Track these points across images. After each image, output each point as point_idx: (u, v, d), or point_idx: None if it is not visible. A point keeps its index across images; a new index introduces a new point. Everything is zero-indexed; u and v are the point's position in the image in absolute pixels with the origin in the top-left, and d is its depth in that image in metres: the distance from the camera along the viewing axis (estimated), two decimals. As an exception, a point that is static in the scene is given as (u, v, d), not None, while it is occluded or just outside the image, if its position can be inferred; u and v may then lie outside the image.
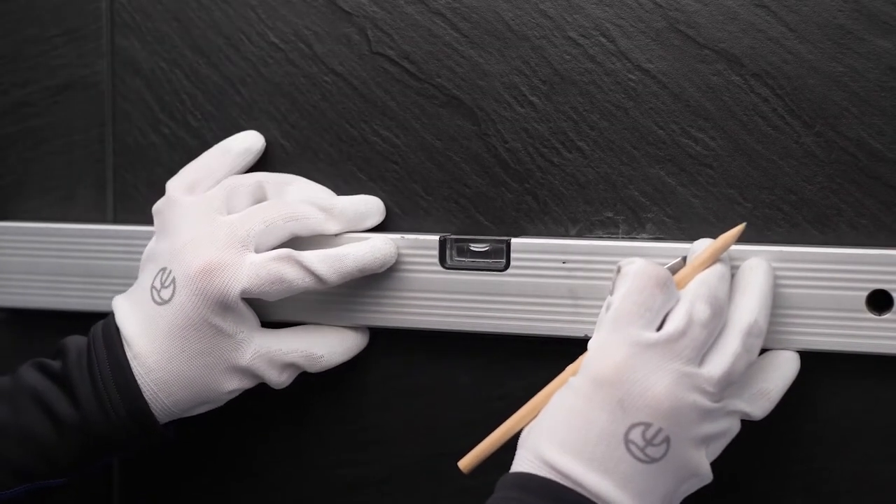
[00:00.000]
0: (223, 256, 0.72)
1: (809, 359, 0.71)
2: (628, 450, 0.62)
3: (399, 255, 0.77)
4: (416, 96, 0.78)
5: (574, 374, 0.66)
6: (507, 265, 0.75)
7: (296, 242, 0.75)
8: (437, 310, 0.76)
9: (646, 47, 0.74)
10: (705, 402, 0.63)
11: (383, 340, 0.80)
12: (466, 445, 0.74)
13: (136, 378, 0.73)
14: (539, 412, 0.66)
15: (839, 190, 0.71)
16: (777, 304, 0.70)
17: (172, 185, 0.77)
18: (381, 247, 0.75)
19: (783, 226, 0.72)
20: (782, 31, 0.71)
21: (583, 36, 0.75)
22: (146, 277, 0.75)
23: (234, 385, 0.75)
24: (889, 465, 0.71)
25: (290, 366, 0.76)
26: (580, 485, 0.62)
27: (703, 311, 0.64)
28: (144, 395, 0.73)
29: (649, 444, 0.62)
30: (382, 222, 0.79)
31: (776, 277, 0.70)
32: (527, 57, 0.76)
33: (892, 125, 0.70)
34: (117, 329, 0.74)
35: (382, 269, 0.76)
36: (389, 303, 0.77)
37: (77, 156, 0.86)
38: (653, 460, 0.62)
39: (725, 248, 0.67)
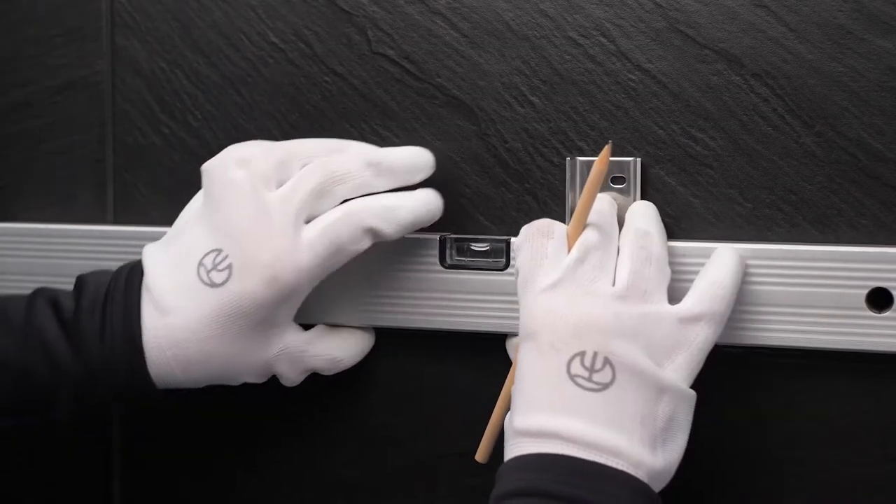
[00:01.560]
0: (284, 247, 0.71)
1: (809, 358, 0.71)
2: (577, 384, 0.63)
3: (399, 254, 0.77)
4: (416, 96, 0.78)
5: None
6: (507, 265, 0.75)
7: None
8: (437, 310, 0.76)
9: (646, 47, 0.74)
10: (626, 309, 0.65)
11: (383, 340, 0.79)
12: (466, 445, 0.74)
13: (152, 351, 0.72)
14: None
15: (839, 190, 0.71)
16: (777, 303, 0.70)
17: (230, 153, 0.75)
18: (433, 199, 0.74)
19: (783, 226, 0.72)
20: (782, 31, 0.71)
21: (583, 36, 0.75)
22: (193, 250, 0.73)
23: (250, 378, 0.75)
24: (889, 465, 0.71)
25: (310, 369, 0.76)
26: (554, 434, 0.62)
27: (592, 236, 0.67)
28: (157, 368, 0.72)
29: (593, 371, 0.63)
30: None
31: (777, 276, 0.70)
32: (527, 57, 0.76)
33: (892, 125, 0.70)
34: (139, 291, 0.73)
35: (430, 224, 0.74)
36: (389, 302, 0.77)
37: (77, 156, 0.86)
38: (605, 386, 0.63)
39: (601, 175, 0.68)
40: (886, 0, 0.69)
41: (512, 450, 0.64)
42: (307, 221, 0.72)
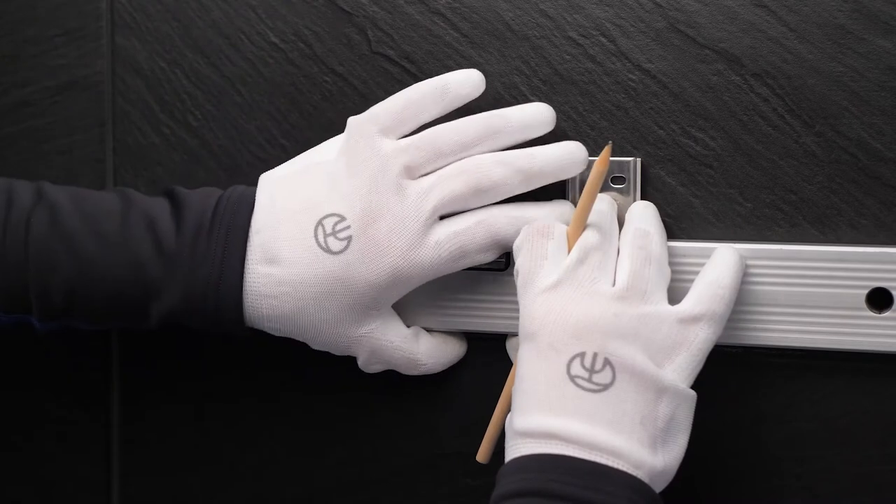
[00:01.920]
0: (410, 241, 0.70)
1: (809, 358, 0.71)
2: (577, 385, 0.63)
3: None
4: (416, 96, 0.78)
5: None
6: (508, 265, 0.75)
7: None
8: (437, 310, 0.76)
9: (646, 47, 0.74)
10: (625, 310, 0.65)
11: (383, 340, 0.79)
12: (466, 445, 0.74)
13: (250, 296, 0.71)
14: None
15: (839, 190, 0.71)
16: (777, 303, 0.70)
17: (380, 117, 0.73)
18: (567, 212, 0.72)
19: (783, 226, 0.72)
20: (782, 31, 0.71)
21: (583, 36, 0.75)
22: (316, 206, 0.71)
23: (329, 349, 0.74)
24: (889, 465, 0.71)
25: (388, 362, 0.75)
26: (553, 435, 0.62)
27: (592, 237, 0.67)
28: (250, 311, 0.72)
29: (593, 371, 0.63)
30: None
31: (777, 276, 0.70)
32: (527, 57, 0.76)
33: (892, 125, 0.70)
34: (248, 229, 0.72)
35: None
36: (389, 303, 0.77)
37: (77, 156, 0.86)
38: (605, 387, 0.63)
39: (601, 175, 0.67)
40: (886, 0, 0.69)
41: (512, 451, 0.64)
42: (441, 217, 0.72)
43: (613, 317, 0.64)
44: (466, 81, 0.73)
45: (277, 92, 0.81)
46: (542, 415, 0.64)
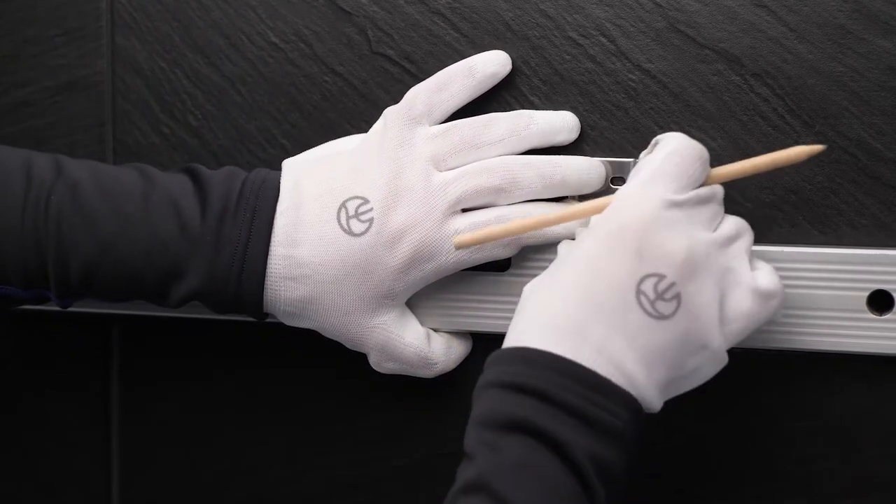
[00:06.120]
0: (430, 228, 0.71)
1: (810, 359, 0.71)
2: (638, 301, 0.61)
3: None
4: (417, 96, 0.78)
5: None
6: (507, 265, 0.75)
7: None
8: (437, 310, 0.76)
9: (646, 47, 0.74)
10: (718, 261, 0.63)
11: (383, 340, 0.79)
12: (466, 445, 0.74)
13: (271, 278, 0.71)
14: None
15: (839, 190, 0.71)
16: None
17: (415, 106, 0.74)
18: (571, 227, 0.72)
19: (783, 226, 0.72)
20: (782, 31, 0.71)
21: (583, 36, 0.75)
22: (340, 188, 0.72)
23: (340, 338, 0.74)
24: (889, 465, 0.71)
25: (399, 356, 0.74)
26: (586, 342, 0.61)
27: (721, 191, 0.66)
28: (269, 294, 0.72)
29: (660, 297, 0.61)
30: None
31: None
32: (527, 57, 0.76)
33: (892, 125, 0.70)
34: (273, 214, 0.72)
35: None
36: (389, 303, 0.77)
37: (77, 156, 0.86)
38: (662, 317, 0.61)
39: (786, 162, 0.66)
40: (886, 0, 0.69)
41: (525, 337, 0.63)
42: (463, 210, 0.72)
43: (706, 264, 0.62)
44: (493, 60, 0.75)
45: (277, 92, 0.81)
46: (587, 320, 0.62)
